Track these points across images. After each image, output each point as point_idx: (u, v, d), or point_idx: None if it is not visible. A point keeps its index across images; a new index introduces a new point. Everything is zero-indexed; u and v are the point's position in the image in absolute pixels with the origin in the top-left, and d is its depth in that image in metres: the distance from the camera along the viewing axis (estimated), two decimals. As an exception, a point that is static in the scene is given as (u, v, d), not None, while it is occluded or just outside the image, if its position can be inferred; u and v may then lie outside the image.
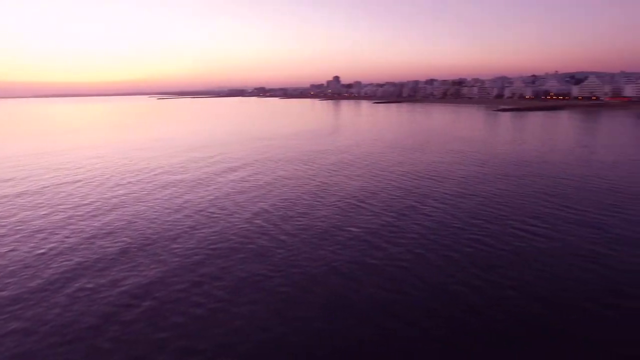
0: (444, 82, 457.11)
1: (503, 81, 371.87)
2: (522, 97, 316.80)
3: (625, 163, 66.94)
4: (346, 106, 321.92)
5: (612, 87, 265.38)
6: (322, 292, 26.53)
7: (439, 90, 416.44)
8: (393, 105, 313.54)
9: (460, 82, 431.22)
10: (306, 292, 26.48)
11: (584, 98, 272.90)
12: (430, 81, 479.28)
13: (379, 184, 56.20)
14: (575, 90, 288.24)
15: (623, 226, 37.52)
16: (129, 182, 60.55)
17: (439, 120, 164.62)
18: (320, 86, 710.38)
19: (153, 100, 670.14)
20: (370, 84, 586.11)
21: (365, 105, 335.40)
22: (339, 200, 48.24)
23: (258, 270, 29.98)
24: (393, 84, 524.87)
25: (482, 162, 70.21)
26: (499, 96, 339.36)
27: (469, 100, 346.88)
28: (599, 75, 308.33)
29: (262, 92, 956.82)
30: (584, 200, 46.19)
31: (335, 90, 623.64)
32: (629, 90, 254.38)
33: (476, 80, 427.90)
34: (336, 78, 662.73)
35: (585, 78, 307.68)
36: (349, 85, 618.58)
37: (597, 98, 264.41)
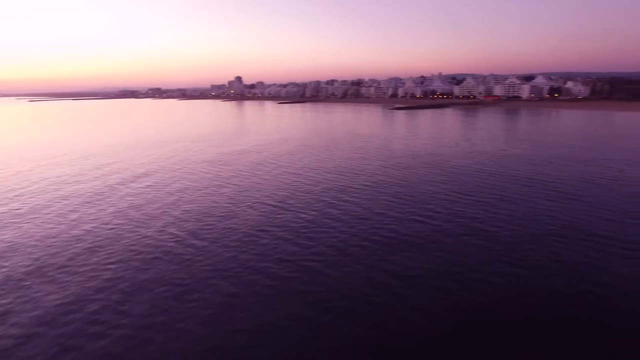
0: (344, 82, 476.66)
1: (396, 82, 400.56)
2: (413, 96, 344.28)
3: (498, 154, 75.36)
4: (251, 107, 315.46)
5: (485, 87, 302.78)
6: (251, 297, 23.54)
7: (340, 90, 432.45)
8: (297, 105, 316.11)
9: (359, 83, 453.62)
10: (236, 299, 23.25)
11: (463, 97, 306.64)
12: (331, 81, 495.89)
13: (294, 182, 54.39)
14: (456, 90, 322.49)
15: (500, 205, 42.57)
16: (5, 199, 49.37)
17: (343, 119, 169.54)
18: (221, 87, 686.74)
19: (22, 104, 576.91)
20: (274, 84, 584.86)
21: (269, 105, 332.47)
22: (257, 202, 45.15)
23: (178, 281, 25.69)
24: (296, 84, 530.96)
25: (384, 157, 72.94)
26: (394, 95, 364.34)
27: (367, 99, 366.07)
28: (474, 76, 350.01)
29: (157, 93, 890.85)
30: (470, 185, 50.35)
31: (237, 91, 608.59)
32: (498, 90, 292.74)
33: (373, 80, 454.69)
34: (238, 78, 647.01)
35: (464, 79, 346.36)
36: (252, 86, 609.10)
37: (474, 97, 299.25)
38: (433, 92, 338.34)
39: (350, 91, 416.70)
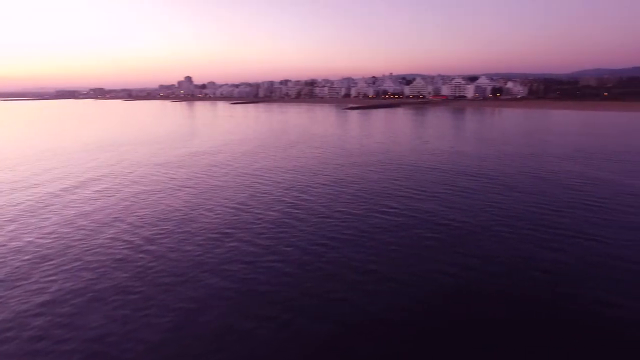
0: (298, 82, 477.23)
1: (349, 82, 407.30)
2: (366, 96, 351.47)
3: (449, 151, 78.95)
4: (202, 107, 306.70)
5: (434, 87, 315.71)
6: (212, 301, 22.65)
7: (294, 91, 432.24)
8: (251, 106, 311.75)
9: (312, 83, 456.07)
10: (196, 304, 22.23)
11: (413, 96, 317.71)
12: (285, 82, 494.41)
13: (252, 184, 53.42)
14: (407, 90, 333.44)
15: (452, 199, 44.74)
16: None
17: (298, 119, 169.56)
18: (170, 87, 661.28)
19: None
20: (226, 85, 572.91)
21: (222, 106, 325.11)
22: (214, 205, 43.73)
23: (133, 289, 24.13)
24: (249, 85, 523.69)
25: (341, 156, 73.79)
26: (347, 95, 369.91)
27: (321, 99, 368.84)
28: (423, 77, 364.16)
29: (100, 93, 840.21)
30: (424, 180, 52.37)
31: (188, 91, 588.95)
32: (445, 90, 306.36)
33: (326, 80, 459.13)
34: (188, 78, 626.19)
35: (414, 79, 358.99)
36: (203, 86, 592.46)
37: (424, 97, 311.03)
38: (385, 92, 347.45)
39: (304, 91, 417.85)
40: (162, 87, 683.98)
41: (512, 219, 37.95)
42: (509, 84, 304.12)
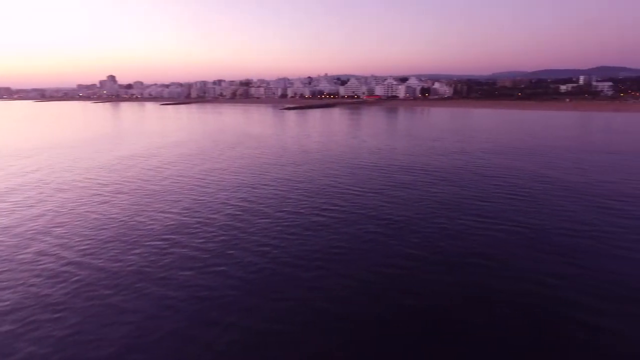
0: (232, 82, 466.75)
1: (285, 82, 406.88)
2: (302, 96, 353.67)
3: (384, 148, 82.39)
4: (129, 109, 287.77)
5: (368, 88, 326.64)
6: (156, 310, 21.20)
7: (229, 91, 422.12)
8: (183, 107, 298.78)
9: (247, 83, 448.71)
10: (130, 314, 20.63)
11: (349, 96, 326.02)
12: (219, 81, 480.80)
13: (192, 188, 51.08)
14: (342, 90, 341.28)
15: (391, 193, 46.85)
16: None
17: (234, 120, 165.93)
18: (91, 87, 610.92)
19: None
20: (155, 85, 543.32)
21: (151, 107, 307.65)
22: (153, 212, 41.00)
23: (74, 307, 21.70)
24: (180, 85, 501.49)
25: (281, 157, 73.46)
26: (283, 96, 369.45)
27: (257, 100, 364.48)
28: (357, 77, 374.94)
29: (7, 93, 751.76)
30: (363, 177, 54.13)
31: (111, 92, 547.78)
32: (379, 90, 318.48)
33: (262, 81, 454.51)
34: (111, 77, 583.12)
35: (348, 80, 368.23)
36: (129, 86, 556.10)
37: (358, 96, 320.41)
38: (321, 92, 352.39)
39: (239, 92, 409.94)
40: (81, 87, 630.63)
41: (448, 210, 40.63)
42: (436, 85, 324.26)
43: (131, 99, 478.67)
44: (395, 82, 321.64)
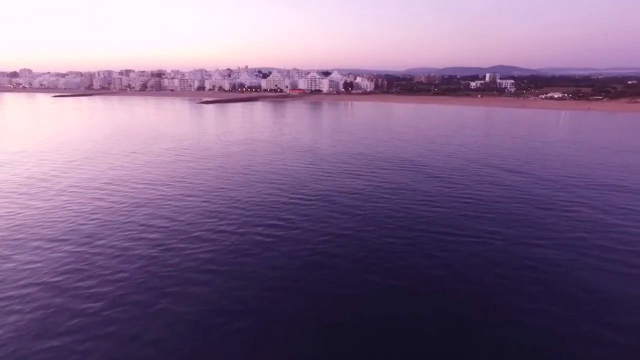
0: (143, 73, 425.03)
1: (203, 74, 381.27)
2: (221, 89, 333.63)
3: (317, 147, 74.66)
4: (13, 100, 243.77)
5: (291, 81, 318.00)
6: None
7: (138, 82, 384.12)
8: (83, 99, 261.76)
9: (160, 74, 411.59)
10: None
11: (271, 90, 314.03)
12: (127, 72, 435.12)
13: (98, 197, 38.39)
14: (264, 83, 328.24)
15: (320, 187, 40.57)
16: None
17: (145, 116, 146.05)
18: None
19: None
20: (48, 73, 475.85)
21: (43, 99, 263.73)
22: (60, 231, 27.69)
23: None
24: (80, 74, 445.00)
25: (201, 158, 61.94)
26: (201, 88, 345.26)
27: (171, 92, 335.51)
28: (279, 70, 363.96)
29: None
30: (294, 174, 47.52)
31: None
32: (302, 84, 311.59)
33: (177, 72, 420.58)
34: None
35: (270, 73, 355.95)
36: (14, 74, 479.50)
37: (281, 90, 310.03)
38: (241, 85, 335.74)
39: (151, 83, 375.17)
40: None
41: (375, 202, 38.44)
42: (358, 79, 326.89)
43: (17, 89, 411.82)
44: (318, 76, 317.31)
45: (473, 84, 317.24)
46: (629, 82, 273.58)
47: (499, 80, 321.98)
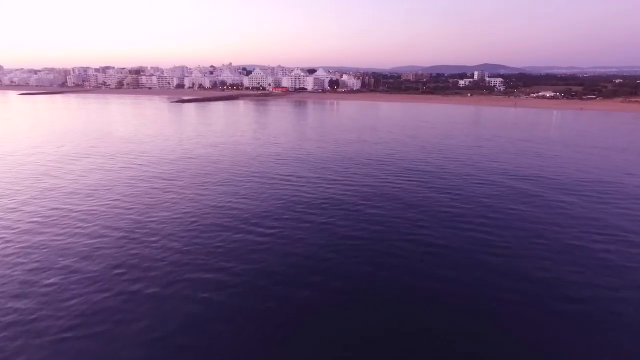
0: (121, 70, 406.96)
1: (183, 71, 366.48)
2: (202, 87, 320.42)
3: (303, 154, 64.58)
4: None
5: (274, 79, 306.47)
6: None
7: (115, 79, 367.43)
8: (57, 97, 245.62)
9: (138, 71, 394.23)
10: None
11: (253, 88, 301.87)
12: (105, 69, 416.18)
13: (76, 206, 35.27)
14: (246, 81, 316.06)
15: (305, 184, 33.76)
16: None
17: (121, 115, 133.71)
18: None
19: None
20: (20, 70, 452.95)
21: (13, 97, 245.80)
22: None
23: None
24: (53, 70, 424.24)
25: (177, 160, 53.37)
26: (180, 86, 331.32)
27: (149, 90, 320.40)
28: (263, 68, 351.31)
29: None
30: (275, 171, 37.57)
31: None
32: (285, 82, 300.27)
33: (156, 69, 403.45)
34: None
35: (253, 70, 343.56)
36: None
37: (264, 88, 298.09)
38: (223, 83, 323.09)
39: (128, 80, 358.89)
40: None
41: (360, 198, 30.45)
42: (344, 77, 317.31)
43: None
44: (303, 74, 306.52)
45: (462, 82, 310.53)
46: (617, 81, 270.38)
47: (487, 79, 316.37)
